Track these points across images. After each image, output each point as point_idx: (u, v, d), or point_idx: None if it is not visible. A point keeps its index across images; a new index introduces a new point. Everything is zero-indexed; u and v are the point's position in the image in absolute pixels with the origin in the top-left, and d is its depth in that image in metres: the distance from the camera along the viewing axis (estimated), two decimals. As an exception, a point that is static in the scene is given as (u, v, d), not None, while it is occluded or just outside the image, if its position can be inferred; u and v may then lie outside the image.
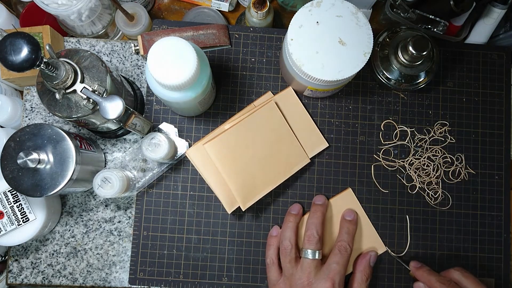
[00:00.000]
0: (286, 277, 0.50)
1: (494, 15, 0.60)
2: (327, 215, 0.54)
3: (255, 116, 0.53)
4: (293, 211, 0.53)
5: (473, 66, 0.59)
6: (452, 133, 0.58)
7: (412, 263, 0.53)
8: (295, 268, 0.50)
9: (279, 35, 0.58)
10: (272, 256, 0.52)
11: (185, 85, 0.42)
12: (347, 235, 0.52)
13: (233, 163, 0.52)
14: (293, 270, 0.50)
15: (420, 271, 0.52)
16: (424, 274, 0.51)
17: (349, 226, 0.53)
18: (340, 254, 0.50)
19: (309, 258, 0.49)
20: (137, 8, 0.63)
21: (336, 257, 0.50)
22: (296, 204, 0.54)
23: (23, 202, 0.51)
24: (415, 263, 0.53)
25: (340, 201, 0.55)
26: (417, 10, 0.54)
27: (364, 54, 0.47)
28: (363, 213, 0.55)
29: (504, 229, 0.56)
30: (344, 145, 0.57)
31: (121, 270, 0.56)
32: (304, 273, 0.49)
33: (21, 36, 0.37)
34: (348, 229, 0.52)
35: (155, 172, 0.54)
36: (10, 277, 0.55)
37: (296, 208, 0.54)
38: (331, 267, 0.49)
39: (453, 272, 0.51)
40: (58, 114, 0.45)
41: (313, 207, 0.53)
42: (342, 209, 0.55)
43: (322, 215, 0.52)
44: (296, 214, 0.53)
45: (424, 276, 0.51)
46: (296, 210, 0.53)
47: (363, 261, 0.52)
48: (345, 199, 0.55)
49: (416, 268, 0.53)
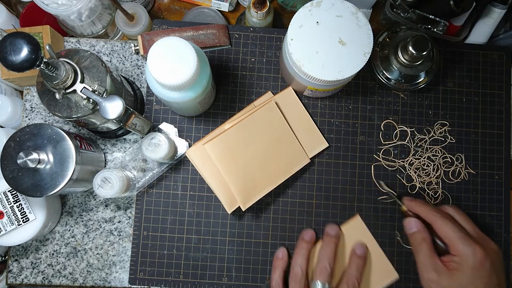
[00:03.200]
0: None
1: (494, 15, 0.60)
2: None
3: (255, 116, 0.53)
4: (306, 237, 0.52)
5: (473, 66, 0.59)
6: (452, 133, 0.58)
7: (405, 197, 0.53)
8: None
9: (279, 35, 0.58)
10: (278, 280, 0.51)
11: (185, 85, 0.42)
12: (356, 271, 0.51)
13: (233, 163, 0.52)
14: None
15: (413, 202, 0.51)
16: (417, 204, 0.50)
17: (359, 261, 0.52)
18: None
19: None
20: (137, 8, 0.63)
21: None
22: (309, 230, 0.54)
23: (23, 202, 0.51)
24: (409, 197, 0.53)
25: (351, 230, 0.54)
26: (417, 10, 0.54)
27: (364, 54, 0.47)
28: (373, 241, 0.54)
29: (504, 229, 0.56)
30: (344, 145, 0.57)
31: (121, 270, 0.56)
32: None
33: (21, 36, 0.37)
34: (357, 265, 0.51)
35: (155, 172, 0.54)
36: (10, 277, 0.55)
37: (309, 235, 0.53)
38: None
39: (447, 208, 0.51)
40: (58, 114, 0.45)
41: (326, 237, 0.52)
42: (352, 239, 0.53)
43: (335, 247, 0.51)
44: (309, 241, 0.52)
45: (417, 206, 0.50)
46: (309, 236, 0.53)
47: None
48: (355, 227, 0.54)
49: (409, 201, 0.52)
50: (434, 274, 0.46)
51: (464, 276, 0.45)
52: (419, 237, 0.49)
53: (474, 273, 0.45)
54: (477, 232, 0.48)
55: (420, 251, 0.48)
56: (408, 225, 0.51)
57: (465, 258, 0.45)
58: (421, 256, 0.48)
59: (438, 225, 0.47)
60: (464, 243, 0.45)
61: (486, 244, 0.47)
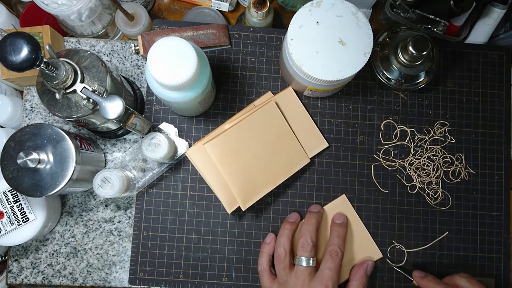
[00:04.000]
0: (280, 284, 0.49)
1: (494, 15, 0.60)
2: (322, 223, 0.53)
3: (255, 116, 0.53)
4: (290, 219, 0.53)
5: (473, 66, 0.59)
6: (452, 133, 0.58)
7: (415, 273, 0.52)
8: (289, 275, 0.49)
9: (279, 35, 0.58)
10: (263, 264, 0.51)
11: (185, 85, 0.42)
12: (337, 238, 0.51)
13: (233, 163, 0.52)
14: (288, 277, 0.49)
15: (425, 280, 0.50)
16: (430, 284, 0.50)
17: (339, 229, 0.52)
18: (332, 258, 0.49)
19: (303, 266, 0.49)
20: (137, 8, 0.63)
21: (328, 263, 0.49)
22: (294, 213, 0.54)
23: (23, 202, 0.51)
24: (419, 272, 0.52)
25: (335, 208, 0.55)
26: (417, 10, 0.54)
27: (364, 54, 0.47)
28: (358, 220, 0.55)
29: (504, 229, 0.56)
30: (344, 145, 0.57)
31: (121, 270, 0.56)
32: (298, 280, 0.48)
33: (21, 36, 0.37)
34: (338, 232, 0.52)
35: (155, 172, 0.54)
36: (10, 277, 0.55)
37: (294, 217, 0.53)
38: (323, 273, 0.48)
39: (458, 279, 0.50)
40: (58, 114, 0.45)
41: (307, 214, 0.53)
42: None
43: (316, 222, 0.52)
44: (293, 222, 0.53)
45: (430, 286, 0.50)
46: (293, 218, 0.53)
47: (360, 269, 0.52)
48: (339, 205, 0.55)
49: (420, 278, 0.51)
50: None
51: None
52: None
53: None
54: None
55: None
56: None
57: None
58: None
59: None
60: None
61: None
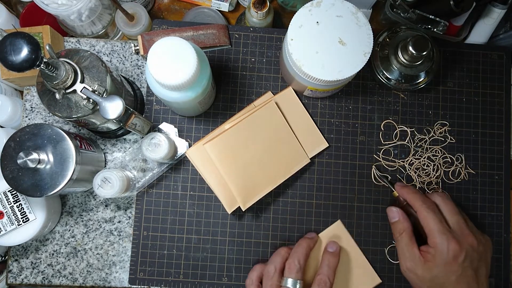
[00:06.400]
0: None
1: (494, 15, 0.60)
2: (316, 249, 0.53)
3: (255, 116, 0.53)
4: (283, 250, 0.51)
5: (473, 66, 0.59)
6: (452, 133, 0.58)
7: (397, 183, 0.54)
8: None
9: (279, 35, 0.58)
10: (253, 278, 0.50)
11: (185, 85, 0.42)
12: (327, 268, 0.50)
13: (233, 163, 0.52)
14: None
15: (404, 189, 0.52)
16: (407, 191, 0.51)
17: (330, 258, 0.51)
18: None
19: (289, 287, 0.48)
20: (137, 8, 0.63)
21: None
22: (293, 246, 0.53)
23: (23, 202, 0.51)
24: (401, 183, 0.54)
25: (330, 234, 0.54)
26: (417, 10, 0.54)
27: (364, 54, 0.47)
28: (354, 245, 0.54)
29: (504, 229, 0.56)
30: (344, 145, 0.57)
31: (121, 270, 0.56)
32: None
33: (21, 36, 0.37)
34: (329, 261, 0.51)
35: (155, 172, 0.54)
36: (10, 277, 0.55)
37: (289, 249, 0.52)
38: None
39: (436, 197, 0.51)
40: (58, 114, 0.45)
41: (300, 239, 0.52)
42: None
43: (307, 247, 0.51)
44: (289, 248, 0.51)
45: (406, 193, 0.51)
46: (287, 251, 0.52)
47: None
48: (335, 232, 0.54)
49: (400, 187, 0.53)
50: (411, 263, 0.49)
51: (437, 268, 0.47)
52: (400, 227, 0.50)
53: (446, 267, 0.47)
54: (460, 225, 0.49)
55: (400, 241, 0.50)
56: (390, 215, 0.52)
57: (439, 251, 0.47)
58: (400, 245, 0.50)
59: (421, 215, 0.49)
60: (441, 236, 0.47)
61: (464, 238, 0.48)
